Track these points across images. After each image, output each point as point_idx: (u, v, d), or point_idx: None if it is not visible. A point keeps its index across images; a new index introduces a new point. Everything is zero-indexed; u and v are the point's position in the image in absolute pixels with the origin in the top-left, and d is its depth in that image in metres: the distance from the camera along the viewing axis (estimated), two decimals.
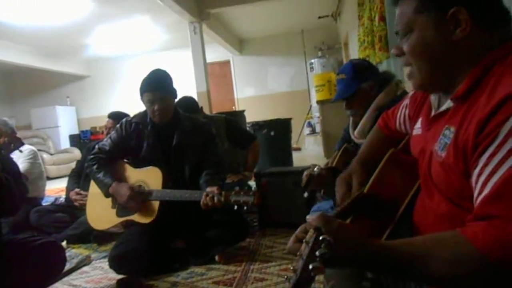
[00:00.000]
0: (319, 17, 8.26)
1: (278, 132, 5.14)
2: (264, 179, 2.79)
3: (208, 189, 1.98)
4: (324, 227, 0.70)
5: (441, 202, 0.86)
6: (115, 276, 2.02)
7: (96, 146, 2.40)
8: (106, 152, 2.32)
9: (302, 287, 0.65)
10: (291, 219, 2.18)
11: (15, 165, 1.78)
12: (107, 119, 3.38)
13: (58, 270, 1.75)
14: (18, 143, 1.55)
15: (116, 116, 3.19)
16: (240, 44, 9.65)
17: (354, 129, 2.03)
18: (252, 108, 8.88)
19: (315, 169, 1.57)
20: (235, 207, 1.88)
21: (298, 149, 8.81)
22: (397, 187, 1.07)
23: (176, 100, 2.39)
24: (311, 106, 9.12)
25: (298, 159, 6.32)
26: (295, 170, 2.72)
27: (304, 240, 0.70)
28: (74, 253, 2.63)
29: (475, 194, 0.71)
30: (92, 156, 2.33)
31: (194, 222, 2.17)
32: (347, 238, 0.71)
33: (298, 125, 8.77)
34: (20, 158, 3.32)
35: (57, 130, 9.20)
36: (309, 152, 8.23)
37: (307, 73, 9.29)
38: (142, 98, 2.26)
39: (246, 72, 9.88)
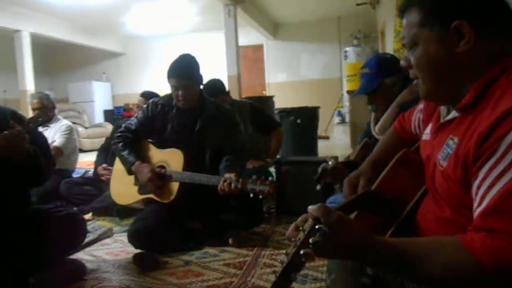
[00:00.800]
0: (357, 4, 8.05)
1: (305, 120, 5.12)
2: (284, 167, 2.82)
3: (226, 175, 2.03)
4: (323, 217, 0.72)
5: (444, 207, 0.87)
6: (133, 250, 2.11)
7: (123, 125, 2.49)
8: (132, 131, 2.40)
9: (292, 271, 0.68)
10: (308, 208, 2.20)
11: (43, 138, 1.87)
12: (139, 97, 3.48)
13: (78, 241, 1.86)
14: (45, 119, 1.64)
15: (148, 96, 3.27)
16: (274, 28, 9.57)
17: (375, 124, 2.02)
18: (282, 94, 8.86)
19: (330, 162, 1.58)
20: (251, 194, 1.93)
21: (326, 137, 8.75)
22: (405, 187, 1.07)
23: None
24: (342, 95, 8.99)
25: (325, 148, 6.28)
26: (315, 160, 2.74)
27: (301, 228, 0.73)
28: (98, 225, 2.77)
29: (474, 206, 0.72)
30: (118, 134, 2.42)
31: (211, 205, 2.23)
32: (345, 229, 0.73)
33: (327, 114, 8.69)
34: (57, 132, 3.49)
35: (92, 105, 9.52)
36: (337, 142, 8.15)
37: (340, 61, 9.13)
38: (168, 82, 2.31)
39: (278, 57, 9.82)
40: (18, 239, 1.64)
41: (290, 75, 9.79)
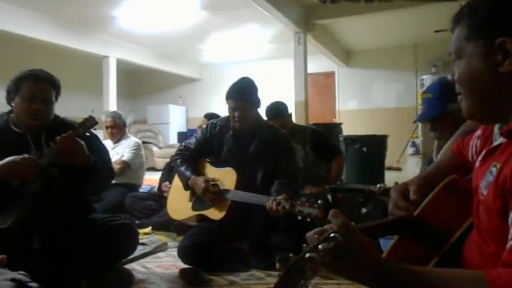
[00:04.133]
0: (436, 31, 7.72)
1: (372, 148, 4.94)
2: (340, 194, 2.71)
3: (277, 197, 2.01)
4: (343, 235, 0.69)
5: (488, 240, 0.79)
6: (182, 265, 2.14)
7: (183, 144, 2.59)
8: (191, 150, 2.49)
9: (293, 273, 0.64)
10: None
11: (104, 149, 2.01)
12: (203, 118, 3.64)
13: (129, 250, 1.94)
14: (93, 123, 1.79)
15: (210, 117, 3.40)
16: (346, 56, 9.49)
17: (438, 153, 1.88)
18: (353, 122, 8.66)
19: (378, 186, 1.50)
20: (299, 217, 1.88)
21: (398, 169, 8.33)
22: (450, 216, 0.98)
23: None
24: (417, 125, 8.55)
25: (393, 179, 5.92)
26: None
27: (317, 235, 0.71)
28: (155, 238, 2.87)
29: (508, 238, 0.64)
30: (178, 152, 2.53)
31: (260, 226, 2.21)
32: (362, 251, 0.69)
33: (401, 144, 8.30)
34: (126, 148, 3.74)
35: (168, 127, 10.07)
36: (409, 174, 7.70)
37: (416, 90, 8.74)
38: (227, 103, 2.38)
39: (350, 84, 9.67)
40: (75, 244, 1.75)
41: (362, 103, 9.56)
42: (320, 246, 0.64)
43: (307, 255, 0.63)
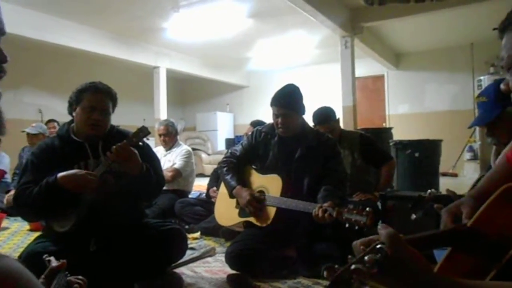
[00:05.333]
0: (494, 29, 7.25)
1: (424, 154, 4.73)
2: (390, 202, 2.62)
3: (324, 204, 1.98)
4: (390, 246, 0.67)
5: None
6: (229, 271, 2.17)
7: (229, 151, 2.63)
8: (237, 157, 2.52)
9: (339, 284, 0.64)
10: None
11: (156, 158, 2.08)
12: (249, 125, 3.67)
13: (179, 254, 2.00)
14: (146, 133, 1.86)
15: (255, 124, 3.42)
16: (396, 58, 9.21)
17: (496, 158, 1.77)
18: (404, 127, 8.37)
19: (427, 192, 1.44)
20: (346, 225, 1.85)
21: (454, 175, 7.94)
22: (508, 226, 0.91)
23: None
24: (475, 128, 8.09)
25: (450, 186, 5.59)
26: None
27: (364, 245, 0.70)
28: (204, 243, 2.93)
29: None
30: (224, 159, 2.57)
31: (306, 233, 2.19)
32: (410, 263, 0.66)
33: (457, 149, 7.91)
34: (178, 155, 3.85)
35: (216, 134, 10.28)
36: (466, 181, 7.29)
37: (473, 92, 8.28)
38: (272, 109, 2.40)
39: (401, 88, 9.35)
40: (128, 248, 1.83)
41: (413, 107, 9.21)
42: (366, 258, 0.63)
43: (353, 266, 0.62)
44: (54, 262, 0.89)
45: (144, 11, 6.10)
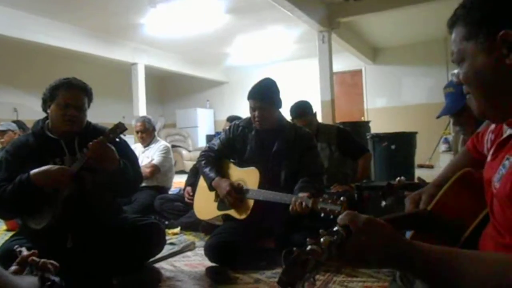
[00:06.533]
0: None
1: (400, 146, 4.85)
2: (366, 192, 2.69)
3: (299, 194, 2.03)
4: (351, 223, 0.71)
5: (503, 233, 0.78)
6: (209, 264, 2.19)
7: (207, 145, 2.65)
8: (215, 151, 2.54)
9: (296, 265, 0.65)
10: None
11: (133, 153, 2.09)
12: (225, 121, 3.69)
13: (157, 248, 2.01)
14: (123, 129, 1.86)
15: (232, 119, 3.44)
16: (373, 53, 9.34)
17: (463, 147, 1.84)
18: (382, 120, 8.52)
19: (396, 180, 1.50)
20: (322, 214, 1.89)
21: (431, 166, 8.13)
22: (465, 209, 0.97)
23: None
24: (450, 121, 8.29)
25: (426, 177, 5.71)
26: None
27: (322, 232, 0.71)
28: (184, 238, 2.95)
29: None
30: (202, 153, 2.58)
31: (284, 224, 2.23)
32: (375, 231, 0.71)
33: (433, 141, 8.09)
34: (156, 151, 3.84)
35: (196, 130, 10.25)
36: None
37: None
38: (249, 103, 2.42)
39: (378, 82, 9.51)
40: (106, 243, 1.83)
41: (391, 100, 9.38)
42: (322, 239, 0.66)
43: (308, 247, 0.65)
44: (25, 252, 0.90)
45: (121, 6, 6.02)
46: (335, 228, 0.69)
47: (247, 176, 2.36)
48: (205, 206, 2.50)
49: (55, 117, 1.89)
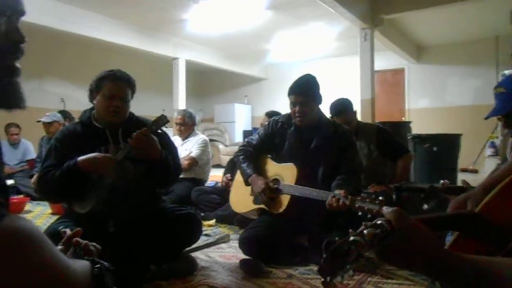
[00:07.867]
0: None
1: (443, 148, 4.67)
2: (405, 194, 2.62)
3: (336, 191, 2.01)
4: (395, 221, 0.69)
5: None
6: (243, 257, 2.22)
7: (246, 140, 2.67)
8: (253, 146, 2.56)
9: (337, 256, 0.64)
10: None
11: (173, 145, 2.14)
12: (264, 116, 3.70)
13: (193, 238, 2.05)
14: (165, 121, 1.92)
15: (271, 115, 3.45)
16: (417, 51, 9.04)
17: None
18: (424, 121, 8.24)
19: (440, 183, 1.45)
20: (359, 213, 1.86)
21: (475, 171, 7.78)
22: None
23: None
24: (497, 124, 7.90)
25: (468, 182, 5.53)
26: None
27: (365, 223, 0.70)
28: (219, 230, 2.99)
29: None
30: (241, 148, 2.61)
31: (320, 222, 2.22)
32: (416, 236, 0.69)
33: (479, 145, 7.75)
34: (195, 144, 3.91)
35: (234, 125, 10.33)
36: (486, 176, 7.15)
37: None
38: (289, 99, 2.42)
39: (421, 81, 9.20)
40: (145, 230, 1.89)
41: (434, 101, 9.05)
42: (365, 231, 0.66)
43: (351, 238, 0.65)
44: (69, 232, 0.94)
45: (165, 2, 6.16)
46: (378, 221, 0.67)
47: (284, 172, 2.36)
48: (242, 199, 2.52)
49: (101, 107, 1.97)
